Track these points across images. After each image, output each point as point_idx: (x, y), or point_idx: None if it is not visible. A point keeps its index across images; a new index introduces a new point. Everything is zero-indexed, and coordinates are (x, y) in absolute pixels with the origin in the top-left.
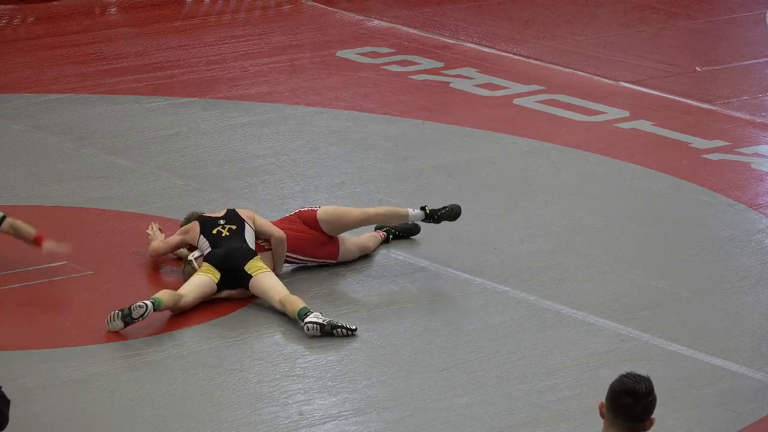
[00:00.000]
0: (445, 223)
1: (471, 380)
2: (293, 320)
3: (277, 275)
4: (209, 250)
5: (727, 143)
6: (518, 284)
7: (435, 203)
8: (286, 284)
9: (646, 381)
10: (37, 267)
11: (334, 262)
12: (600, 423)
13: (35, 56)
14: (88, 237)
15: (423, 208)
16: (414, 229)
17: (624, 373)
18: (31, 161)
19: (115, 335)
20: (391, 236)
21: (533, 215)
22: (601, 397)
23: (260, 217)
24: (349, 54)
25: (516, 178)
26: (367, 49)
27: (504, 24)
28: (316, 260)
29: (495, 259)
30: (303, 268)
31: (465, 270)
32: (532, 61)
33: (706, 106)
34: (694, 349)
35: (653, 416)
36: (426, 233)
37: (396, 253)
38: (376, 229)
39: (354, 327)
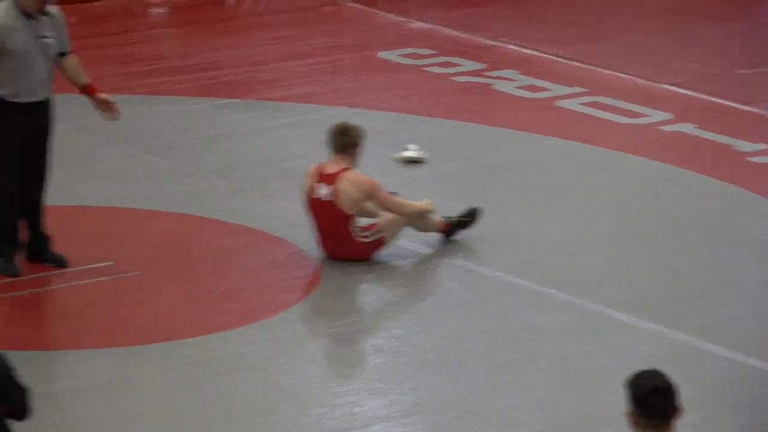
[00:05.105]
0: (489, 226)
1: (517, 383)
2: (340, 322)
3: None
4: None
5: None
6: (563, 286)
7: (477, 205)
8: (330, 283)
9: (660, 373)
10: (82, 267)
11: (380, 232)
12: None
13: (78, 57)
14: (132, 237)
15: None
16: (473, 213)
17: (634, 375)
18: (74, 162)
19: (161, 335)
20: (454, 220)
21: (576, 218)
22: None
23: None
24: (390, 55)
25: (559, 180)
26: (409, 50)
27: (546, 26)
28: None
29: (539, 262)
30: (349, 268)
31: (510, 272)
32: (574, 63)
33: (749, 108)
34: (742, 352)
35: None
36: (472, 236)
37: (442, 256)
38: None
39: None
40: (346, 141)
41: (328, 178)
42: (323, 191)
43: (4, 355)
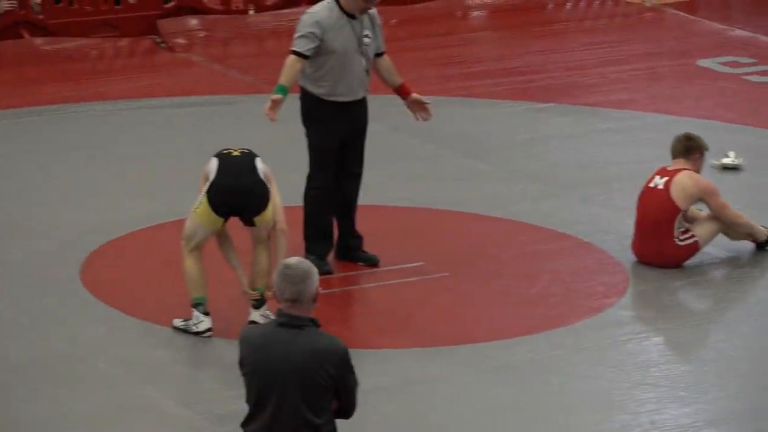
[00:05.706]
0: None
1: None
2: (646, 329)
3: None
4: None
5: None
6: None
7: None
8: (640, 289)
9: None
10: (393, 267)
11: (693, 237)
12: None
13: (398, 58)
14: (444, 239)
15: None
16: None
17: None
18: (388, 162)
19: (468, 337)
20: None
21: None
22: None
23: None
24: (709, 63)
25: None
26: (728, 58)
27: None
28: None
29: None
30: (659, 274)
31: None
32: None
33: None
34: None
35: None
36: None
37: (752, 265)
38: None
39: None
40: (689, 145)
41: (668, 173)
42: (659, 181)
43: (347, 351)
